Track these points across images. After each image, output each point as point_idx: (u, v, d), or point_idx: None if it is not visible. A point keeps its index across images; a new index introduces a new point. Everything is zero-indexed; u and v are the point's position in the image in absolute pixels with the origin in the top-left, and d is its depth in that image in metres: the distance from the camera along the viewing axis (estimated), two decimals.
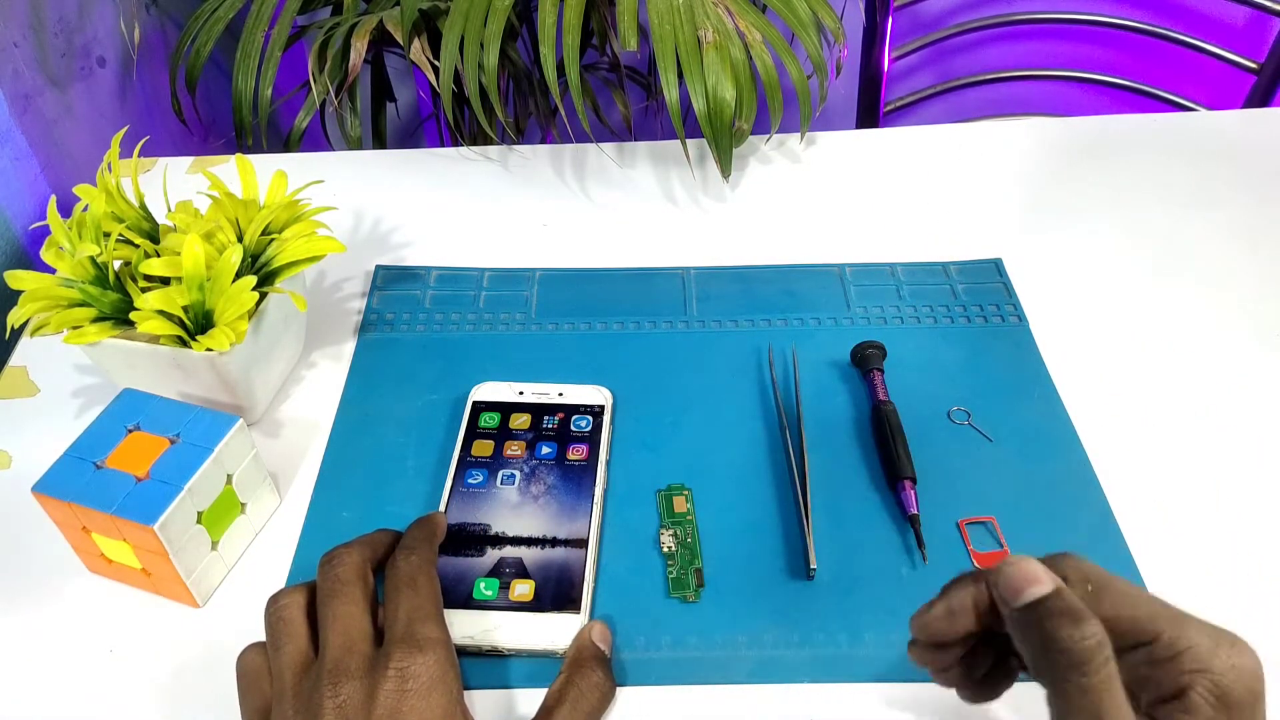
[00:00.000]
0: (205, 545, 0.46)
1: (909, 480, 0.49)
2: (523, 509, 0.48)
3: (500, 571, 0.46)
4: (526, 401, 0.53)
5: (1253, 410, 0.54)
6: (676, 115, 0.66)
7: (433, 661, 0.38)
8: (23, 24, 0.70)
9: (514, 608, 0.44)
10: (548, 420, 0.52)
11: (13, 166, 0.68)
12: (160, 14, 0.92)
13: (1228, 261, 0.64)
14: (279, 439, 0.54)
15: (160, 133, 0.92)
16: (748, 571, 0.47)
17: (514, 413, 0.53)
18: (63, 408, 0.56)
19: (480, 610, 0.44)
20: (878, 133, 0.78)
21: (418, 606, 0.40)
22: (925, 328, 0.59)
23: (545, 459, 0.51)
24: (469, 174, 0.74)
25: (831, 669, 0.43)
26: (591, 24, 1.00)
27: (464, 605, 0.44)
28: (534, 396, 0.54)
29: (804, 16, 0.72)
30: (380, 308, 0.62)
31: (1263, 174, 0.71)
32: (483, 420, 0.53)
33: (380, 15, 0.79)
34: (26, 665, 0.44)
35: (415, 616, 0.39)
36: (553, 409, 0.53)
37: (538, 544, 0.47)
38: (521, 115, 1.03)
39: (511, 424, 0.52)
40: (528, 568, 0.46)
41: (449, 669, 0.38)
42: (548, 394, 0.54)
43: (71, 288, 0.49)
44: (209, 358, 0.48)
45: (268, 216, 0.52)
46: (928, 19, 1.21)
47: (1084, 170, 0.72)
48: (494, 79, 0.70)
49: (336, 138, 0.97)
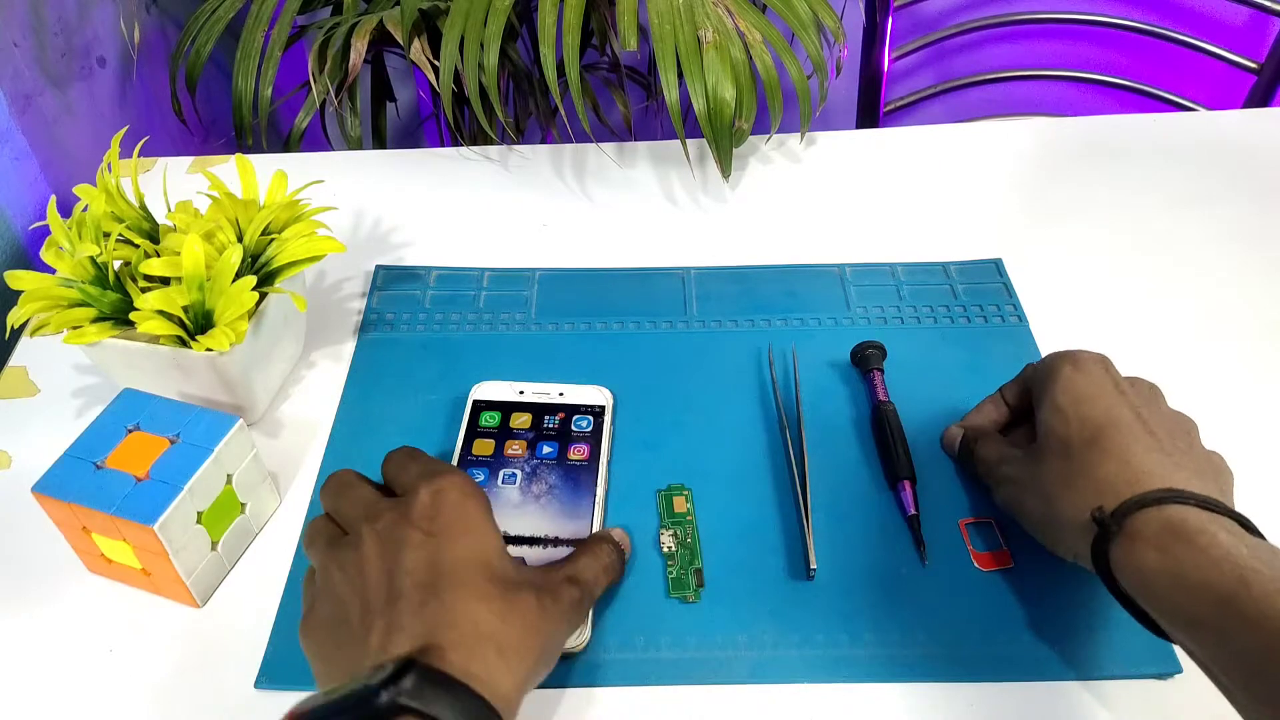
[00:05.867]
0: (205, 545, 0.46)
1: (909, 480, 0.49)
2: (524, 508, 0.48)
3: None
4: (527, 401, 0.53)
5: (1253, 410, 0.54)
6: (676, 115, 0.66)
7: (459, 480, 0.39)
8: (23, 24, 0.70)
9: None
10: (549, 420, 0.52)
11: (13, 166, 0.68)
12: (160, 14, 0.92)
13: (1228, 261, 0.64)
14: (279, 439, 0.54)
15: (160, 133, 0.92)
16: (748, 572, 0.47)
17: (514, 412, 0.53)
18: (63, 408, 0.56)
19: None
20: (878, 133, 0.78)
21: (427, 461, 0.41)
22: (925, 328, 0.59)
23: (546, 458, 0.51)
24: (469, 174, 0.74)
25: (831, 669, 0.43)
26: (591, 24, 1.00)
27: None
28: (534, 396, 0.53)
29: (804, 16, 0.72)
30: (380, 308, 0.62)
31: (1263, 174, 0.71)
32: (483, 419, 0.52)
33: (380, 15, 0.79)
34: (26, 665, 0.44)
35: (429, 465, 0.41)
36: (553, 409, 0.53)
37: (540, 544, 0.47)
38: (521, 115, 1.03)
39: (512, 423, 0.52)
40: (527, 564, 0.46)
41: (475, 487, 0.40)
42: (548, 394, 0.54)
43: (71, 288, 0.49)
44: (209, 358, 0.48)
45: (268, 216, 0.52)
46: (928, 19, 1.20)
47: (1084, 170, 0.72)
48: (494, 79, 0.70)
49: (336, 138, 0.97)
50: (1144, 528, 0.36)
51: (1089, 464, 0.39)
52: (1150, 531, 0.36)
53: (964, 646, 0.44)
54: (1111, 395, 0.41)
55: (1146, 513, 0.36)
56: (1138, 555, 0.36)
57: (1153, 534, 0.36)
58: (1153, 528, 0.36)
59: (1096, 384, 0.42)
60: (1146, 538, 0.36)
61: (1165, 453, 0.39)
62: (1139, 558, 0.36)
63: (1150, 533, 0.36)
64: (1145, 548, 0.36)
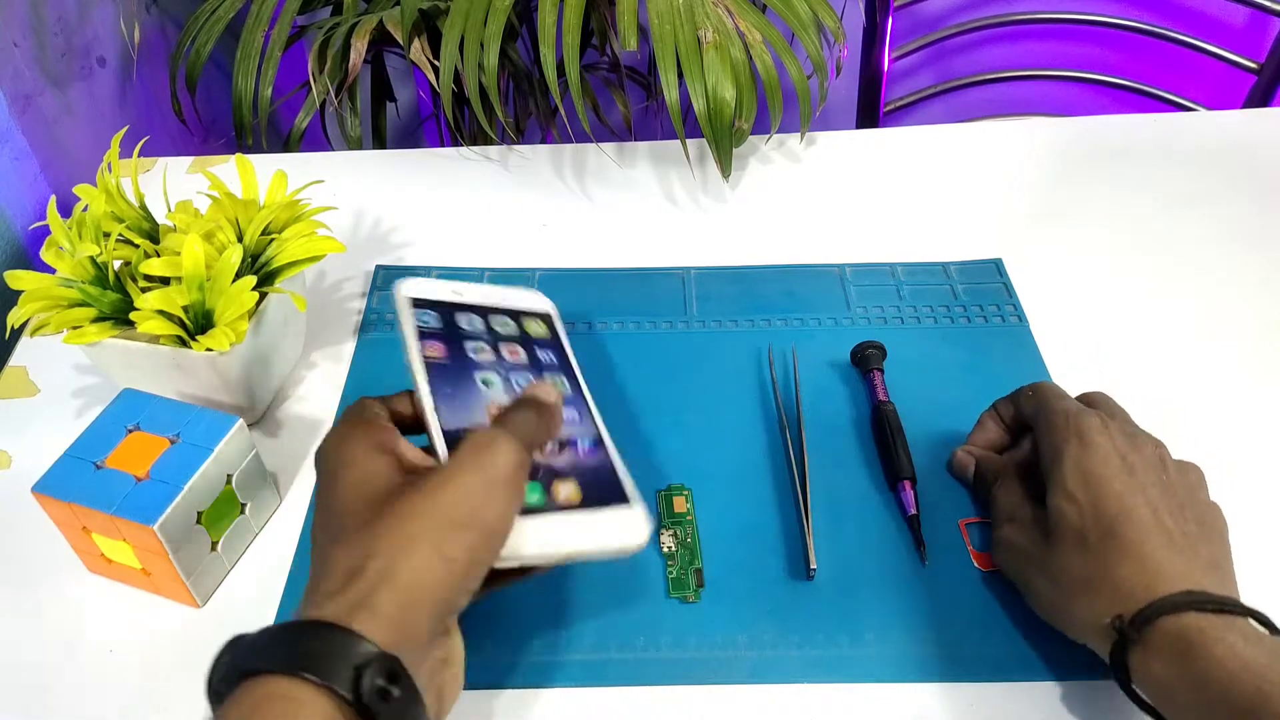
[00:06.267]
0: (205, 545, 0.46)
1: (909, 480, 0.49)
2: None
3: (534, 476, 0.39)
4: (471, 303, 0.46)
5: (1254, 410, 0.54)
6: (676, 115, 0.66)
7: (331, 433, 0.39)
8: (23, 24, 0.70)
9: (566, 509, 0.39)
10: (501, 322, 0.46)
11: (13, 166, 0.68)
12: (160, 14, 0.92)
13: (1228, 261, 0.64)
14: (279, 439, 0.54)
15: (160, 133, 0.92)
16: (748, 572, 0.47)
17: (460, 313, 0.45)
18: (63, 408, 0.56)
19: (537, 516, 0.38)
20: (878, 133, 0.78)
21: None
22: (925, 328, 0.59)
23: (517, 364, 0.44)
24: (469, 174, 0.74)
25: (832, 670, 0.43)
26: (591, 24, 1.00)
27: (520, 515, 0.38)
28: (477, 298, 0.46)
29: (804, 16, 0.72)
30: (380, 308, 0.62)
31: (1263, 174, 0.71)
32: (424, 320, 0.44)
33: (380, 15, 0.79)
34: (26, 665, 0.44)
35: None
36: (501, 311, 0.47)
37: (554, 445, 0.41)
38: (521, 115, 1.03)
39: (463, 325, 0.45)
40: (558, 469, 0.40)
41: (338, 430, 0.39)
42: (489, 295, 0.47)
43: (71, 288, 0.49)
44: (209, 358, 0.48)
45: (267, 216, 0.52)
46: (928, 19, 1.20)
47: (1084, 170, 0.72)
48: (494, 79, 0.70)
49: (336, 138, 0.97)
50: (1162, 639, 0.36)
51: (1107, 563, 0.39)
52: (1168, 642, 0.36)
53: (964, 647, 0.44)
54: (1122, 479, 0.41)
55: (1165, 621, 0.36)
56: (1156, 667, 0.36)
57: (1171, 644, 0.36)
58: (1171, 638, 0.36)
59: (1105, 463, 0.41)
60: (1164, 649, 0.36)
61: (1178, 548, 0.39)
62: (1158, 669, 0.36)
63: (1168, 643, 0.36)
64: (1164, 659, 0.36)
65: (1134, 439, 0.43)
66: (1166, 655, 0.36)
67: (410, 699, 0.31)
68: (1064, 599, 0.41)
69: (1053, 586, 0.41)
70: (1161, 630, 0.36)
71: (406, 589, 0.32)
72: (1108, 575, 0.39)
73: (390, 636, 0.31)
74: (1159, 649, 0.36)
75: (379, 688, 0.30)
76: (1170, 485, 0.41)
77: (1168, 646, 0.36)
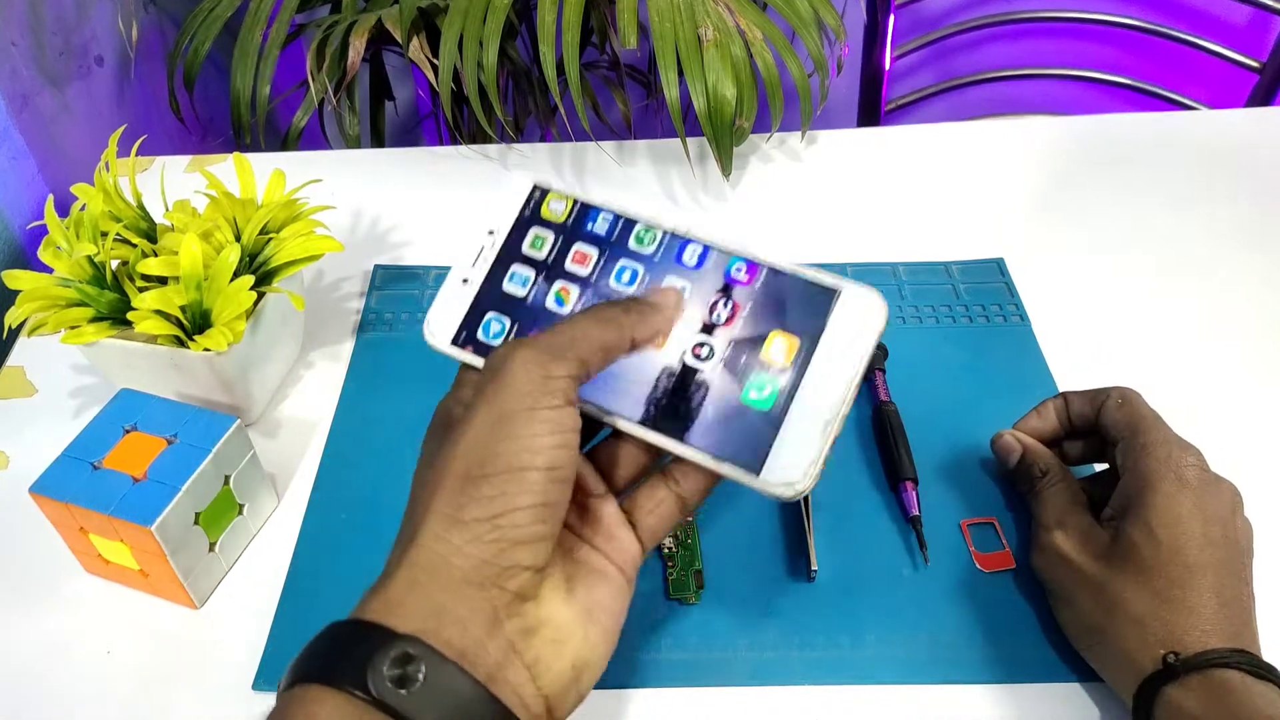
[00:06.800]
0: (203, 546, 0.45)
1: (910, 481, 0.49)
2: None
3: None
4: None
5: (1256, 409, 0.54)
6: (677, 114, 0.66)
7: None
8: (20, 23, 0.70)
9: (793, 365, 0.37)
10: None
11: (10, 166, 0.67)
12: (158, 12, 0.92)
13: (1230, 260, 0.64)
14: (277, 439, 0.54)
15: (158, 131, 0.92)
16: (748, 573, 0.47)
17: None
18: (60, 408, 0.56)
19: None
20: (879, 131, 0.78)
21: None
22: (927, 328, 0.59)
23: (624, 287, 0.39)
24: (468, 173, 0.74)
25: (833, 671, 0.43)
26: (591, 22, 0.99)
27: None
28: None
29: (805, 14, 0.72)
30: (379, 307, 0.62)
31: (1265, 173, 0.71)
32: (546, 212, 0.39)
33: (379, 13, 0.79)
34: (24, 666, 0.44)
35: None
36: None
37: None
38: (521, 114, 1.03)
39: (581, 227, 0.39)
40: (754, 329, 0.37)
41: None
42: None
43: (69, 287, 0.49)
44: (206, 358, 0.48)
45: (265, 216, 0.52)
46: (929, 17, 1.20)
47: (1086, 170, 0.72)
48: (493, 77, 0.70)
49: (335, 136, 0.97)
50: (1206, 681, 0.37)
51: (1169, 605, 0.39)
52: (1211, 685, 0.37)
53: (966, 648, 0.44)
54: (1205, 532, 0.40)
55: (1214, 671, 0.37)
56: (1191, 703, 0.37)
57: (1213, 688, 0.37)
58: (1214, 683, 0.37)
59: (1195, 514, 0.40)
60: (1205, 690, 0.37)
61: (1235, 607, 0.39)
62: (1192, 705, 0.37)
63: (1211, 686, 0.37)
64: (1201, 697, 0.37)
65: (1216, 486, 0.42)
66: (1205, 694, 0.37)
67: (442, 678, 0.28)
68: (1111, 624, 0.40)
69: (1100, 609, 0.41)
70: (1208, 674, 0.37)
71: (422, 567, 0.30)
72: (1165, 616, 0.39)
73: (410, 619, 0.29)
74: (1198, 688, 0.37)
75: (394, 676, 0.28)
76: (1235, 542, 0.41)
77: (1212, 689, 0.37)
